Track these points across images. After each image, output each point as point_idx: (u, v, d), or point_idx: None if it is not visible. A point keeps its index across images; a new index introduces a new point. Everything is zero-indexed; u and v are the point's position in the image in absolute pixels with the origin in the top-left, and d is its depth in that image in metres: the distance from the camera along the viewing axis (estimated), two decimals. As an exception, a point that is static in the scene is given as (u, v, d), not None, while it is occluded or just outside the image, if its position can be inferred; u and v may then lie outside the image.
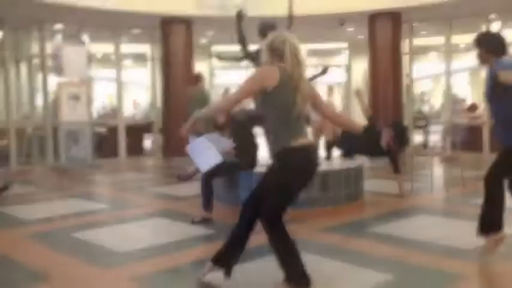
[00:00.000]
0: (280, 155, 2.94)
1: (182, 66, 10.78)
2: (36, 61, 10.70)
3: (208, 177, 5.13)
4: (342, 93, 17.29)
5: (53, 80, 9.73)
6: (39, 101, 10.75)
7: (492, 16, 10.44)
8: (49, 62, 10.13)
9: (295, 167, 2.93)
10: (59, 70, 9.47)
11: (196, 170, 5.33)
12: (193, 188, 6.25)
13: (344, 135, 6.13)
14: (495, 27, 11.80)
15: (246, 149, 5.29)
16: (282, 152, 2.93)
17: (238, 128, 5.31)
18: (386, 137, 3.66)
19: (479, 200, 5.85)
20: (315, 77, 6.13)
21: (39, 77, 10.61)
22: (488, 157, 10.00)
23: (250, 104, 5.22)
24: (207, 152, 5.03)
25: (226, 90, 9.82)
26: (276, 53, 2.92)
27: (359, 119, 11.56)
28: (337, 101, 30.52)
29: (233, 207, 5.39)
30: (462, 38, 12.70)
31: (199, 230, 4.81)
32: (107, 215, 5.67)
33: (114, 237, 4.62)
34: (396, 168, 6.15)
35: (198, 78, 7.74)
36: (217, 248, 3.34)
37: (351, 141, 6.20)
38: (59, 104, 9.59)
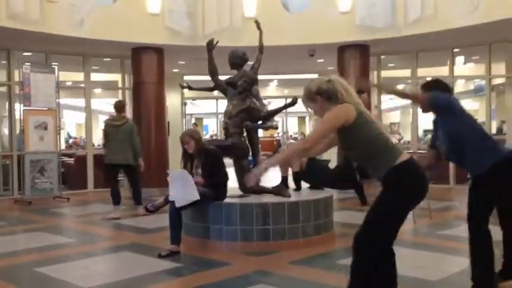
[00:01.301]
0: (391, 175, 2.82)
1: (153, 96, 10.74)
2: (3, 89, 10.51)
3: (177, 209, 5.06)
4: (313, 124, 17.48)
5: (20, 108, 9.54)
6: (5, 130, 10.53)
7: (456, 50, 10.80)
8: (16, 90, 9.96)
9: (409, 183, 2.83)
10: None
11: (164, 201, 5.26)
12: (161, 220, 6.15)
13: (309, 168, 6.15)
14: (459, 60, 12.23)
15: (216, 180, 5.26)
16: (391, 172, 2.81)
17: (209, 157, 5.28)
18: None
19: (446, 232, 5.99)
20: (284, 107, 6.19)
21: (6, 105, 10.42)
22: (454, 189, 10.21)
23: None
24: (185, 187, 4.99)
25: (195, 123, 9.78)
26: (328, 94, 2.89)
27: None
28: (308, 131, 30.78)
29: (202, 239, 5.34)
30: (428, 70, 13.09)
31: (167, 264, 4.71)
32: (72, 249, 5.50)
33: (78, 272, 4.49)
34: (363, 201, 6.22)
35: (124, 107, 7.63)
36: (185, 282, 3.27)
37: (318, 174, 6.24)
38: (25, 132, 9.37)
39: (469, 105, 22.29)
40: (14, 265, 4.85)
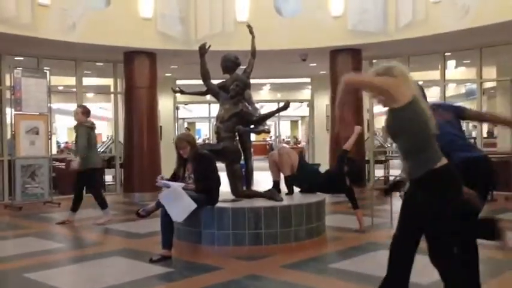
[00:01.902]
0: (429, 177, 2.74)
1: (146, 100, 10.71)
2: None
3: (168, 214, 5.04)
4: (305, 128, 17.49)
5: (11, 113, 9.48)
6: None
7: (447, 54, 10.86)
8: (7, 95, 9.90)
9: (448, 187, 2.77)
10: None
11: (155, 206, 5.23)
12: (153, 225, 6.12)
13: (300, 172, 6.14)
14: (450, 64, 12.30)
15: (209, 184, 5.24)
16: (430, 174, 2.73)
17: (202, 161, 5.26)
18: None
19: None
20: (277, 111, 6.19)
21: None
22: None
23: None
24: (180, 201, 4.97)
25: (188, 127, 9.71)
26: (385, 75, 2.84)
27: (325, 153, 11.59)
28: (300, 135, 30.80)
29: (193, 244, 5.32)
30: (419, 74, 13.15)
31: (158, 269, 4.68)
32: (63, 255, 5.47)
33: (69, 278, 4.47)
34: (354, 205, 6.23)
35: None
36: (176, 287, 3.25)
37: (309, 178, 6.23)
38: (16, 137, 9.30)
39: (461, 109, 22.39)
40: (3, 271, 4.80)
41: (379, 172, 11.73)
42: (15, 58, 10.42)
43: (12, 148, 9.37)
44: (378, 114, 14.04)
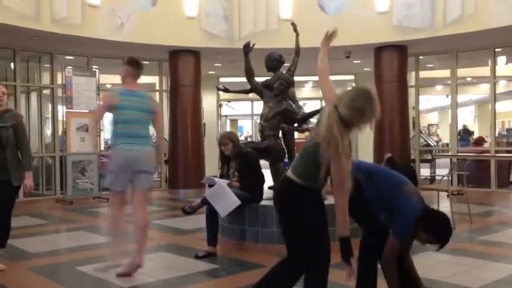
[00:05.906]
0: None
1: (190, 98, 10.87)
2: (46, 91, 10.86)
3: (214, 211, 5.12)
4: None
5: (62, 110, 9.83)
6: (48, 131, 10.89)
7: (498, 50, 10.50)
8: (59, 93, 10.26)
9: None
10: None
11: (201, 203, 5.32)
12: (198, 222, 6.23)
13: None
14: (501, 60, 11.90)
15: (253, 182, 5.28)
16: None
17: (246, 160, 5.31)
18: None
19: (487, 237, 5.84)
20: (321, 109, 6.16)
21: (49, 107, 10.76)
22: (495, 192, 9.93)
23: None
24: (225, 198, 5.06)
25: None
26: None
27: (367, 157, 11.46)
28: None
29: (238, 241, 5.38)
30: (468, 71, 12.78)
31: (204, 265, 4.77)
32: (111, 249, 5.62)
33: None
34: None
35: None
36: (222, 283, 3.30)
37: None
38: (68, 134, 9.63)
39: (510, 106, 21.64)
40: (56, 263, 5.01)
41: (425, 171, 11.49)
42: (66, 57, 10.79)
43: (64, 144, 9.72)
44: (424, 111, 13.78)
